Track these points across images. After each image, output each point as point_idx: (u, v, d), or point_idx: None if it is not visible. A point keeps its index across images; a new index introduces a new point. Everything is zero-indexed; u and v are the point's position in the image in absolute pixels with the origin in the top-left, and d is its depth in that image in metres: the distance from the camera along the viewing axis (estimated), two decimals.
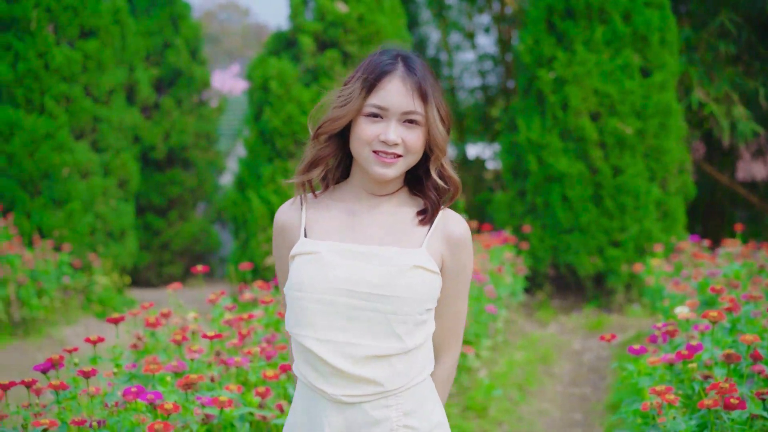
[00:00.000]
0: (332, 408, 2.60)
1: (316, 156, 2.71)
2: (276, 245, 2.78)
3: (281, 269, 2.79)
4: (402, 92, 2.61)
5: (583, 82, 11.13)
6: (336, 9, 11.37)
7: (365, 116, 2.62)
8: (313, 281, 2.59)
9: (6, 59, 11.65)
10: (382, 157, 2.61)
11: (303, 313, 2.60)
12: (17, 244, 10.42)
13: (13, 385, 3.56)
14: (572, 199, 11.13)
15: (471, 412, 7.07)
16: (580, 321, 10.86)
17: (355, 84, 2.64)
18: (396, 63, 2.63)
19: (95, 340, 4.02)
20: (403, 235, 2.67)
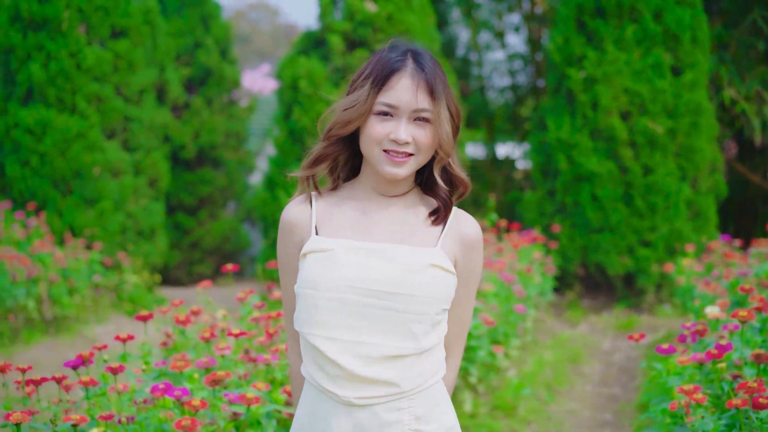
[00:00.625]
0: (341, 411, 2.54)
1: (322, 153, 2.66)
2: (283, 242, 2.70)
3: (288, 268, 2.70)
4: (412, 90, 2.55)
5: (614, 81, 11.08)
6: (365, 8, 11.38)
7: (375, 115, 2.56)
8: (326, 279, 2.53)
9: (38, 59, 11.75)
10: (392, 156, 2.56)
11: (315, 312, 2.54)
12: (49, 243, 10.50)
13: (44, 381, 3.59)
14: (602, 198, 11.08)
15: (499, 412, 7.05)
16: (610, 321, 10.81)
17: (365, 83, 2.58)
18: (405, 60, 2.57)
19: (125, 337, 4.05)
20: (415, 234, 2.62)
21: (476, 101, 16.40)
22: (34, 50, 11.79)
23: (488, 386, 7.35)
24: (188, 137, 14.64)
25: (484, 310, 6.93)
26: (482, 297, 7.20)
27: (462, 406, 6.61)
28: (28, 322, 10.13)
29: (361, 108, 2.56)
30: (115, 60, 12.22)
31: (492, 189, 15.41)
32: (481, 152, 17.11)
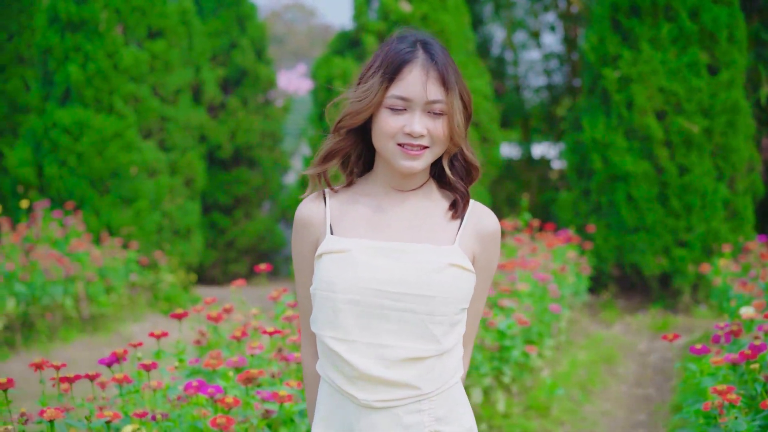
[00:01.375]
0: (360, 413, 2.49)
1: (332, 148, 2.59)
2: (298, 241, 2.64)
3: (302, 267, 2.64)
4: (424, 81, 2.48)
5: (649, 80, 11.02)
6: (400, 8, 11.39)
7: (387, 108, 2.49)
8: (344, 281, 2.47)
9: (76, 60, 11.86)
10: (407, 150, 2.49)
11: (332, 314, 2.48)
12: (86, 242, 10.60)
13: (78, 378, 3.62)
14: (637, 198, 11.02)
15: (533, 412, 7.04)
16: (645, 321, 10.74)
17: (375, 75, 2.50)
18: (416, 50, 2.51)
19: (159, 334, 4.08)
20: (433, 230, 2.57)
21: (511, 101, 16.36)
22: (71, 51, 11.91)
23: (522, 386, 7.34)
24: (224, 137, 14.71)
25: (518, 309, 6.92)
26: (516, 296, 7.19)
27: (495, 406, 6.60)
28: (65, 320, 10.24)
29: (372, 99, 2.49)
30: (152, 60, 12.32)
31: (527, 189, 15.36)
32: (516, 152, 17.07)
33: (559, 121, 16.53)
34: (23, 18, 14.72)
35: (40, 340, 9.62)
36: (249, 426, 3.79)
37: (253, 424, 3.79)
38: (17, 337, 9.58)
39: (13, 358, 9.04)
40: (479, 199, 12.03)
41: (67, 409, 3.71)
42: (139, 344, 4.07)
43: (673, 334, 4.35)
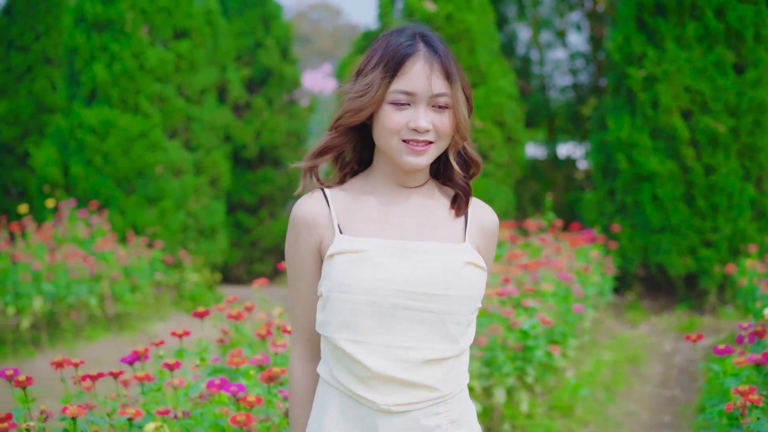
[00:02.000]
0: (378, 419, 2.40)
1: (328, 144, 2.52)
2: (298, 242, 2.49)
3: (300, 269, 2.50)
4: (428, 74, 2.39)
5: (674, 79, 10.96)
6: (424, 8, 11.39)
7: (391, 104, 2.41)
8: (363, 282, 2.37)
9: (102, 60, 11.93)
10: (412, 146, 2.41)
11: (351, 317, 2.37)
12: (111, 241, 10.66)
13: (100, 376, 3.63)
14: (663, 198, 10.96)
15: (557, 412, 7.01)
16: (671, 322, 10.69)
17: (375, 70, 2.42)
18: (417, 43, 2.42)
19: (181, 333, 4.09)
20: (440, 228, 2.50)
21: (536, 100, 16.33)
22: (98, 51, 11.97)
23: (545, 386, 7.31)
24: (249, 137, 14.75)
25: (541, 309, 6.90)
26: (540, 296, 7.17)
27: (518, 406, 6.58)
28: (90, 319, 10.31)
29: (374, 95, 2.41)
30: (177, 60, 12.37)
31: (552, 189, 15.32)
32: (542, 152, 17.03)
33: (584, 120, 16.48)
34: (50, 18, 14.85)
35: (66, 338, 9.69)
36: (271, 424, 3.80)
37: (275, 422, 3.79)
38: (43, 335, 9.65)
39: (38, 356, 9.11)
40: (504, 199, 12.04)
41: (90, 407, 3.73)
42: (161, 343, 4.08)
43: (697, 335, 4.32)
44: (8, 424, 3.27)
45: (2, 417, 3.31)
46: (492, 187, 11.70)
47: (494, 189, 11.72)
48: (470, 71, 11.70)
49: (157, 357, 4.03)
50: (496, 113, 11.74)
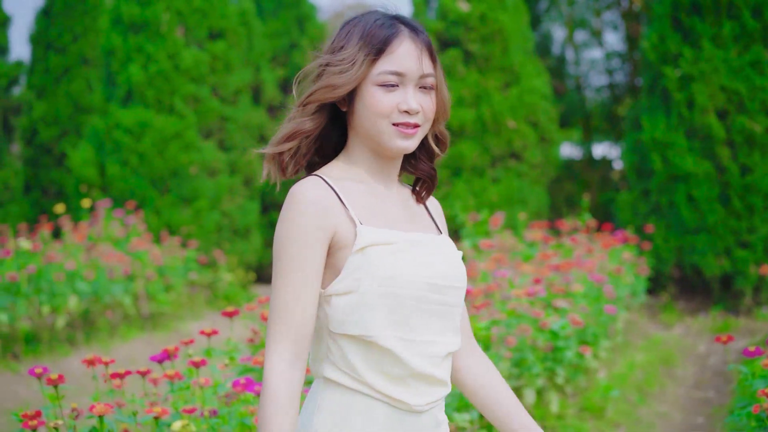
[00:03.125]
0: (408, 418, 2.30)
1: (297, 128, 2.33)
2: (303, 226, 2.23)
3: (305, 258, 2.24)
4: (415, 54, 2.29)
5: (710, 79, 10.87)
6: (458, 8, 11.38)
7: (378, 86, 2.28)
8: (406, 275, 2.23)
9: (138, 61, 12.03)
10: (402, 129, 2.29)
11: (392, 314, 2.23)
12: (147, 241, 10.74)
13: (128, 374, 3.67)
14: (698, 198, 10.88)
15: (587, 413, 6.98)
16: (706, 323, 10.60)
17: (355, 49, 2.28)
18: (397, 23, 2.31)
19: (209, 332, 4.12)
20: (418, 219, 2.42)
21: (572, 100, 16.26)
22: (134, 52, 12.07)
23: (576, 387, 7.29)
24: None
25: (572, 310, 6.88)
26: (571, 297, 7.15)
27: (549, 407, 6.57)
28: (125, 318, 10.39)
29: (356, 72, 2.28)
30: (212, 61, 12.45)
31: (588, 189, 15.25)
32: (577, 152, 16.96)
33: (620, 120, 16.39)
34: (87, 20, 14.99)
35: (101, 337, 9.78)
36: None
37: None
38: (78, 334, 9.74)
39: (74, 354, 9.20)
40: (537, 199, 12.01)
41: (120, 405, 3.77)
42: (190, 341, 4.11)
43: (727, 336, 4.29)
44: (37, 422, 3.31)
45: (31, 414, 3.35)
46: (525, 188, 11.67)
47: (527, 189, 11.69)
48: (504, 71, 11.68)
49: (187, 356, 4.07)
50: (530, 113, 11.71)
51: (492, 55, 11.56)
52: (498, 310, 6.02)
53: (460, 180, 11.41)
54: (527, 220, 11.23)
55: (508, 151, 11.67)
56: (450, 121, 11.34)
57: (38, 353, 9.17)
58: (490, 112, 11.45)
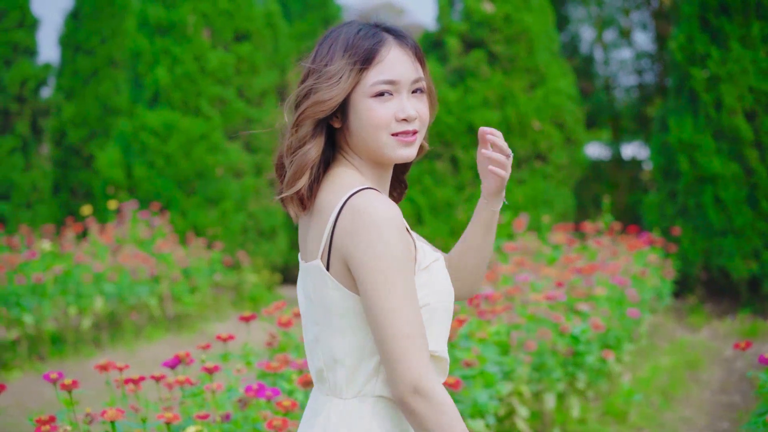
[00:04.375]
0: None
1: (304, 160, 2.30)
2: (404, 243, 2.19)
3: (410, 272, 2.20)
4: (405, 60, 2.28)
5: (738, 80, 10.77)
6: (482, 9, 11.35)
7: (372, 97, 2.25)
8: (450, 290, 2.33)
9: (164, 63, 12.08)
10: (403, 138, 2.27)
11: (445, 326, 2.33)
12: (172, 242, 10.79)
13: (142, 380, 3.68)
14: (726, 200, 10.78)
15: (610, 418, 6.94)
16: (734, 326, 10.51)
17: (341, 63, 2.26)
18: (380, 31, 2.30)
19: (225, 337, 4.13)
20: None
21: (600, 101, 16.17)
22: (160, 54, 12.13)
23: (598, 392, 7.25)
24: None
25: (595, 314, 6.84)
26: (593, 300, 7.10)
27: (569, 412, 6.53)
28: (151, 319, 10.45)
29: (344, 84, 2.26)
30: (238, 63, 12.48)
31: (616, 190, 15.17)
32: (606, 152, 16.87)
33: (650, 121, 16.28)
34: (115, 22, 15.07)
35: (126, 338, 9.83)
36: None
37: None
38: (104, 335, 9.80)
39: (99, 355, 9.26)
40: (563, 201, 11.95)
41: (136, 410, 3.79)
42: (207, 346, 4.12)
43: (746, 342, 4.26)
44: (50, 426, 3.33)
45: (45, 419, 3.37)
46: (551, 189, 11.62)
47: (553, 191, 11.64)
48: (529, 72, 11.63)
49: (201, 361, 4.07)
50: (555, 114, 11.65)
51: (517, 56, 11.52)
52: (518, 314, 5.99)
53: None
54: (552, 221, 11.18)
55: (533, 153, 11.63)
56: (475, 122, 11.38)
57: (64, 354, 9.23)
58: (516, 113, 11.41)
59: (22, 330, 8.98)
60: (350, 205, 2.21)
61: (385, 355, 2.16)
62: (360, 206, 2.19)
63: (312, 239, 2.32)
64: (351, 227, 2.19)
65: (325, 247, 2.25)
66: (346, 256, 2.21)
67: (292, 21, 15.13)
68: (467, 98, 11.40)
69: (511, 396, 5.59)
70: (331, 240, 2.24)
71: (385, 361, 2.17)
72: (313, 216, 2.32)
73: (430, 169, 11.37)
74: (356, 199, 2.21)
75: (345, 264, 2.23)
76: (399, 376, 2.14)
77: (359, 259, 2.17)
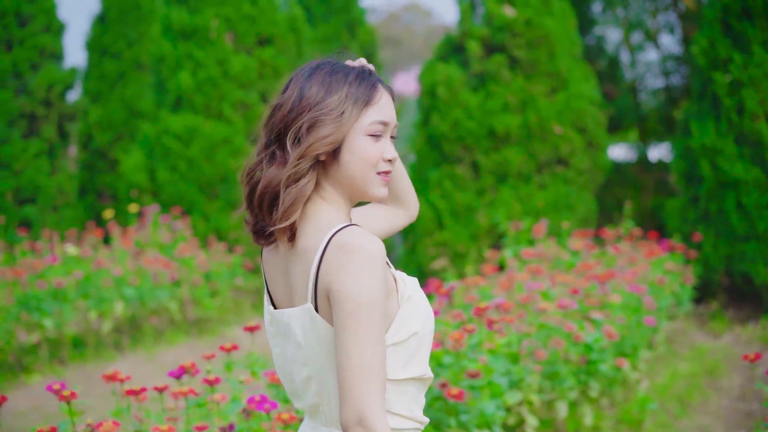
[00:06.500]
0: None
1: (300, 194, 2.35)
2: (383, 280, 2.26)
3: (383, 313, 2.27)
4: (392, 105, 2.43)
5: (761, 84, 10.69)
6: (503, 13, 11.33)
7: (369, 136, 2.38)
8: (431, 314, 2.43)
9: (187, 67, 12.16)
10: (383, 177, 2.41)
11: (428, 350, 2.42)
12: (193, 246, 10.85)
13: (144, 391, 3.72)
14: (748, 206, 10.70)
15: (624, 426, 6.92)
16: (756, 332, 10.42)
17: (342, 98, 2.37)
18: (371, 75, 2.44)
19: (229, 348, 4.17)
20: None
21: (626, 104, 16.09)
22: (183, 59, 12.21)
23: (613, 400, 7.23)
24: None
25: (608, 322, 6.81)
26: (608, 308, 7.08)
27: (582, 420, 6.52)
28: (171, 323, 10.51)
29: (348, 121, 2.36)
30: (261, 67, 12.53)
31: (642, 193, 15.09)
32: (632, 156, 16.79)
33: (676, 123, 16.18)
34: (142, 26, 15.17)
35: (147, 342, 9.90)
36: None
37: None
38: (125, 339, 9.88)
39: (119, 359, 9.33)
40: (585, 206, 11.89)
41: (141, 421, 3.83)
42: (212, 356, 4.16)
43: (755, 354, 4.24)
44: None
45: (47, 430, 3.41)
46: (573, 194, 11.58)
47: (575, 195, 11.60)
48: (550, 76, 11.59)
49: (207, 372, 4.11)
50: (577, 119, 11.61)
51: (538, 60, 11.49)
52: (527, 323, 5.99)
53: (506, 186, 11.35)
54: (574, 226, 11.14)
55: (554, 157, 11.59)
56: (495, 126, 11.37)
57: (84, 358, 9.31)
58: (537, 117, 11.38)
59: (43, 334, 9.07)
60: (336, 242, 2.27)
61: (342, 382, 2.21)
62: (346, 242, 2.25)
63: (298, 281, 2.36)
64: (336, 263, 2.24)
65: (312, 287, 2.29)
66: (329, 290, 2.26)
67: (316, 25, 15.18)
68: (488, 103, 11.38)
69: (521, 405, 5.59)
70: (316, 279, 2.28)
71: (341, 388, 2.22)
72: (296, 257, 2.37)
73: (450, 173, 11.36)
74: (342, 237, 2.27)
75: (328, 300, 2.27)
76: (348, 405, 2.19)
77: (341, 291, 2.22)
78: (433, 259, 11.15)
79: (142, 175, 12.22)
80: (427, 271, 11.14)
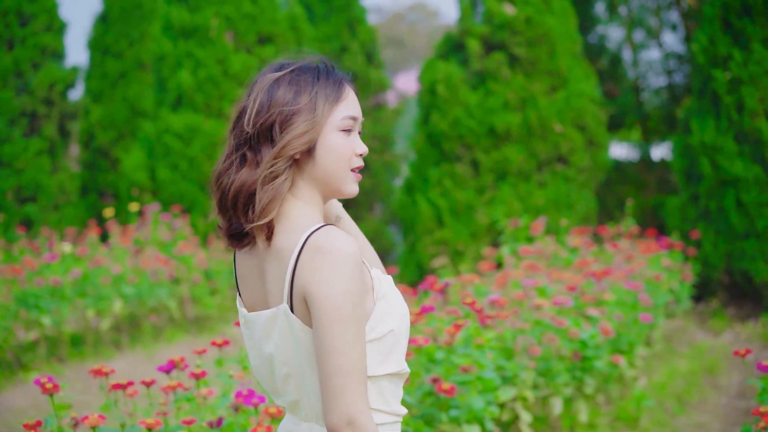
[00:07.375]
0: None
1: (278, 192, 2.33)
2: (361, 279, 2.27)
3: (363, 311, 2.28)
4: (356, 100, 2.45)
5: (761, 82, 10.67)
6: (503, 12, 11.32)
7: (342, 131, 2.38)
8: (406, 310, 2.44)
9: (188, 66, 12.16)
10: (356, 174, 2.43)
11: (404, 345, 2.42)
12: (193, 245, 10.86)
13: (130, 385, 3.72)
14: (747, 203, 10.68)
15: (620, 423, 6.91)
16: (756, 330, 10.41)
17: (312, 95, 2.37)
18: (335, 70, 2.47)
19: (220, 343, 4.17)
20: None
21: (628, 102, 16.07)
22: (184, 58, 12.22)
23: (609, 396, 7.21)
24: None
25: (604, 318, 6.80)
26: (603, 305, 7.07)
27: (577, 416, 6.51)
28: (170, 321, 10.52)
29: (321, 117, 2.36)
30: (261, 66, 12.40)
31: (644, 191, 15.07)
32: (634, 154, 16.78)
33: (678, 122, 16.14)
34: (144, 25, 15.19)
35: (145, 340, 9.91)
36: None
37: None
38: (124, 337, 9.88)
39: (119, 357, 9.34)
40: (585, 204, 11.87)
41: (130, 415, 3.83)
42: (203, 351, 4.17)
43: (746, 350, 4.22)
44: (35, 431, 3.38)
45: (32, 424, 3.42)
46: (573, 192, 11.56)
47: (575, 194, 11.58)
48: (550, 75, 11.58)
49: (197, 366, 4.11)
50: (577, 117, 11.59)
51: (538, 58, 11.48)
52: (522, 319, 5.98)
53: (506, 184, 11.34)
54: (574, 224, 11.13)
55: (554, 155, 11.57)
56: (495, 124, 11.35)
57: (83, 356, 9.32)
58: (537, 116, 11.37)
59: (41, 332, 9.08)
60: (311, 243, 2.26)
61: (326, 384, 2.22)
62: (322, 244, 2.24)
63: (273, 282, 2.36)
64: (312, 264, 2.24)
65: (288, 288, 2.29)
66: (305, 292, 2.25)
67: (316, 23, 15.17)
68: (488, 101, 11.37)
69: (514, 401, 5.58)
70: (292, 280, 2.28)
71: (325, 390, 2.22)
72: (271, 258, 2.36)
73: (450, 171, 11.35)
74: (317, 237, 2.26)
75: (304, 301, 2.27)
76: (335, 406, 2.20)
77: (318, 293, 2.23)
78: (433, 257, 11.14)
79: (143, 173, 12.23)
80: (427, 269, 11.14)
